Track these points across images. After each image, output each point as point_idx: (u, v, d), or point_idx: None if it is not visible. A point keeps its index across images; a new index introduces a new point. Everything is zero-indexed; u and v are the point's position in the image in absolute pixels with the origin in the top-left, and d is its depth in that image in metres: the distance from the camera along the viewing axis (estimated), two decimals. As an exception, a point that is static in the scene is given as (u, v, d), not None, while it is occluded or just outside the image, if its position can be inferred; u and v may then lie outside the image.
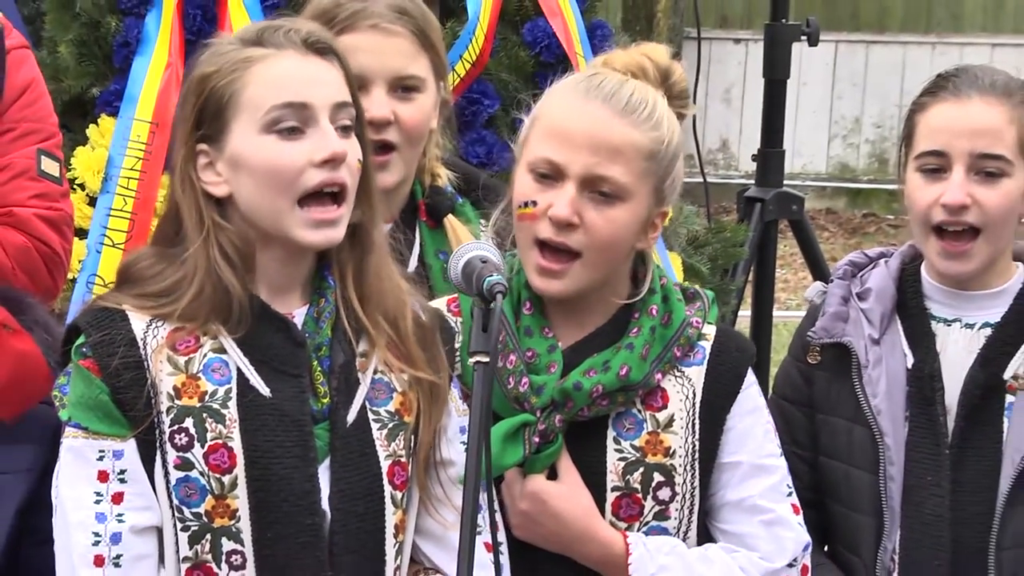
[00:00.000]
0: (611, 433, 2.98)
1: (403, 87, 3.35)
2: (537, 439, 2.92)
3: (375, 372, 2.85)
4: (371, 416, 2.82)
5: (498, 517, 2.84)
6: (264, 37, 2.81)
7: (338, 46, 2.91)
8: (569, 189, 2.88)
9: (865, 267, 3.49)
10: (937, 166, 3.28)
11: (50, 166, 3.81)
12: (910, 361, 3.35)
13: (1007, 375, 3.29)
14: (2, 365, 2.98)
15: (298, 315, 2.83)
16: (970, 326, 3.38)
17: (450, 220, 3.55)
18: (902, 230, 3.66)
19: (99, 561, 2.67)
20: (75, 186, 5.06)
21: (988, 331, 3.35)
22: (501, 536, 2.84)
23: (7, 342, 2.99)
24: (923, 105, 3.37)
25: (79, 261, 4.89)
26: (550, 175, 2.91)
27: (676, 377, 3.02)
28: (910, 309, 3.40)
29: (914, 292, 3.42)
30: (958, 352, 3.35)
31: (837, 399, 3.37)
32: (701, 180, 6.54)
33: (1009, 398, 3.29)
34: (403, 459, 2.83)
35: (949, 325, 3.38)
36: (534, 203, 2.92)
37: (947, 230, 3.28)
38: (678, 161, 3.04)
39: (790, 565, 2.99)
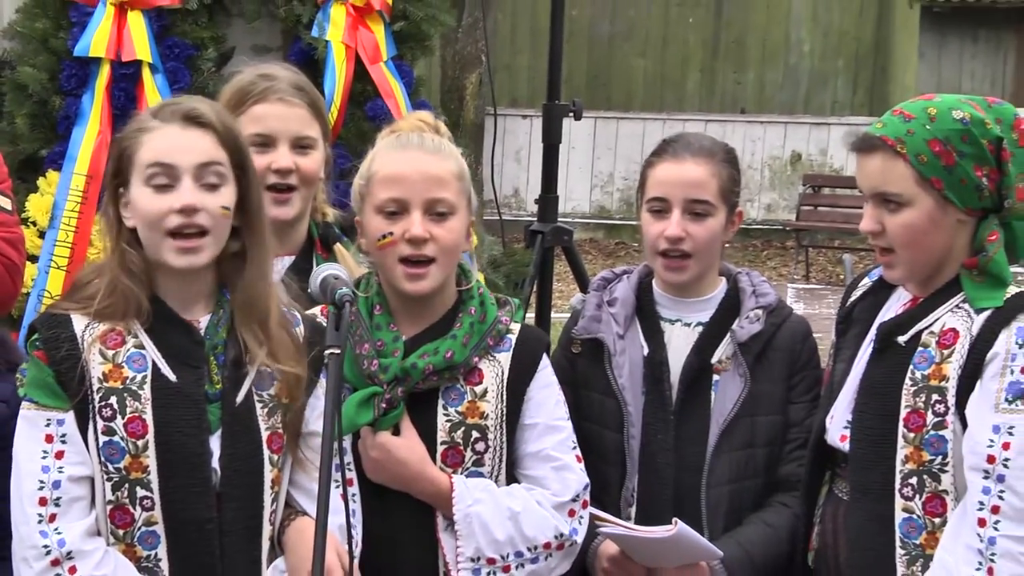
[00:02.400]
0: (440, 401, 3.22)
1: (301, 145, 3.62)
2: (384, 405, 3.16)
3: (261, 365, 3.06)
4: (256, 398, 3.06)
5: (352, 472, 3.15)
6: (158, 112, 3.10)
7: (218, 117, 3.10)
8: (416, 216, 3.16)
9: (613, 281, 3.72)
10: (661, 208, 3.54)
11: (4, 202, 3.96)
12: (646, 351, 3.58)
13: (713, 360, 3.53)
14: None
15: (203, 321, 3.06)
16: (688, 324, 3.61)
17: (338, 248, 3.80)
18: (643, 254, 3.85)
19: (43, 502, 2.89)
20: (29, 223, 5.41)
21: (700, 328, 3.59)
22: (355, 488, 3.13)
23: None
24: (652, 163, 3.62)
25: (31, 279, 5.26)
26: (397, 211, 3.19)
27: (489, 360, 3.28)
28: (645, 312, 3.64)
29: (648, 299, 3.66)
30: (679, 344, 3.59)
31: (593, 378, 3.59)
32: (498, 218, 6.91)
33: (715, 377, 3.52)
34: (279, 430, 3.07)
35: (673, 324, 3.63)
36: (391, 233, 3.18)
37: (670, 255, 3.53)
38: (471, 186, 3.36)
39: (573, 499, 3.23)
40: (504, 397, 3.26)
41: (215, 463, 2.99)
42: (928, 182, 3.09)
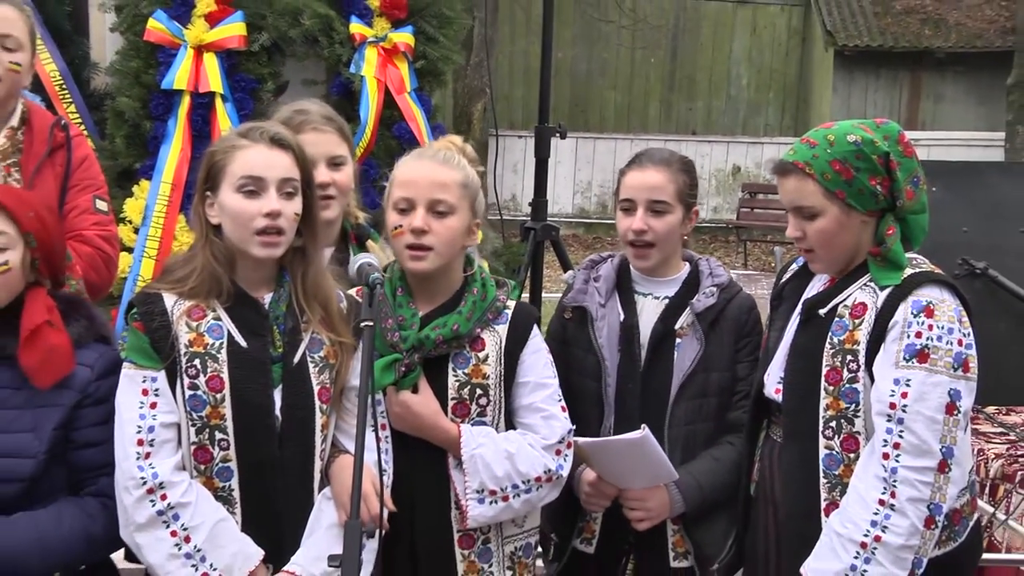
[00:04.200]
0: (450, 365, 3.20)
1: (335, 163, 3.58)
2: (403, 369, 3.13)
3: (314, 333, 3.06)
4: (309, 359, 3.03)
5: (384, 419, 3.13)
6: (248, 133, 3.05)
7: (294, 141, 3.09)
8: (421, 212, 3.14)
9: (600, 263, 3.69)
10: (629, 207, 3.54)
11: (101, 205, 4.04)
12: (622, 318, 3.54)
13: (676, 327, 3.51)
14: (37, 353, 2.92)
15: (267, 298, 3.04)
16: (657, 298, 3.57)
17: (370, 243, 3.73)
18: (615, 247, 3.84)
19: (140, 443, 2.88)
20: (126, 222, 5.52)
21: (667, 301, 3.56)
22: (387, 432, 3.13)
23: (47, 337, 2.94)
24: (624, 172, 3.60)
25: (128, 266, 5.32)
26: (406, 208, 3.17)
27: (490, 331, 3.25)
28: (623, 287, 3.62)
29: (627, 277, 3.63)
30: (649, 313, 3.57)
31: (579, 338, 3.56)
32: (499, 217, 6.96)
33: (677, 340, 3.50)
34: (327, 385, 3.05)
35: (645, 297, 3.58)
36: (400, 226, 3.17)
37: (636, 244, 3.53)
38: (480, 193, 3.30)
39: (559, 442, 3.22)
40: (502, 360, 3.24)
41: (277, 411, 2.98)
42: (833, 194, 3.09)
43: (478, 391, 3.22)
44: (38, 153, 3.93)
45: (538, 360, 3.30)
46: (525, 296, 4.47)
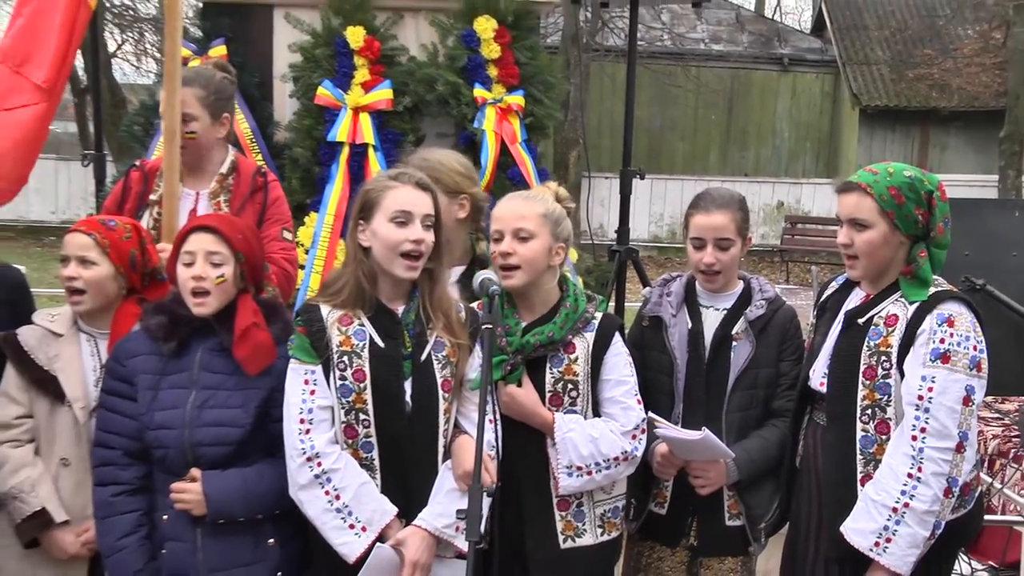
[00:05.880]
0: (548, 364, 3.15)
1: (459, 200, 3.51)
2: (509, 367, 3.12)
3: (437, 337, 3.01)
4: (433, 358, 2.98)
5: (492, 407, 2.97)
6: (398, 176, 3.04)
7: (432, 185, 3.07)
8: (508, 239, 3.12)
9: (671, 281, 3.59)
10: (699, 244, 3.42)
11: (287, 235, 4.10)
12: (689, 325, 3.45)
13: (733, 332, 3.41)
14: (248, 347, 3.00)
15: (400, 308, 3.00)
16: (717, 309, 3.48)
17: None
18: (683, 266, 3.80)
19: (302, 422, 2.90)
20: (299, 244, 5.42)
21: (725, 312, 3.46)
22: (498, 417, 2.99)
23: (255, 335, 3.01)
24: (692, 213, 3.47)
25: (300, 281, 5.28)
26: (499, 238, 3.14)
27: (580, 337, 3.18)
28: (691, 300, 3.51)
29: (693, 293, 3.52)
30: (711, 321, 3.46)
31: (655, 342, 3.48)
32: (591, 242, 6.94)
33: (734, 343, 3.41)
34: (449, 378, 2.99)
35: (708, 309, 3.49)
36: (495, 252, 3.15)
37: (706, 273, 3.44)
38: (563, 221, 3.21)
39: (634, 428, 3.17)
40: (589, 361, 3.17)
41: (407, 398, 2.94)
42: (885, 213, 3.01)
43: (569, 386, 3.16)
44: (243, 193, 3.99)
45: (619, 361, 3.22)
46: (611, 306, 4.39)
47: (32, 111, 3.74)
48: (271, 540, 3.04)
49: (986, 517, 3.56)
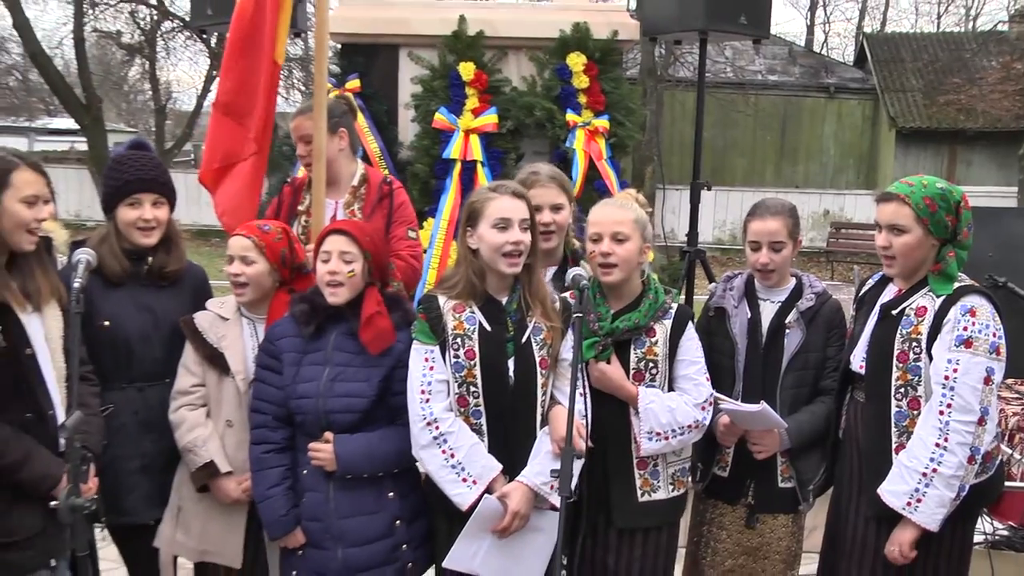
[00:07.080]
0: (632, 346, 3.10)
1: (556, 207, 3.39)
2: (600, 347, 3.06)
3: (535, 322, 2.97)
4: (532, 340, 2.95)
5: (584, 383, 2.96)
6: (497, 188, 3.02)
7: (526, 193, 3.06)
8: (607, 241, 3.07)
9: (733, 277, 3.52)
10: (756, 247, 3.35)
11: (412, 234, 4.06)
12: (749, 315, 3.40)
13: (786, 321, 3.34)
14: (371, 332, 3.00)
15: (504, 298, 2.99)
16: (773, 302, 3.40)
17: (583, 262, 3.51)
18: (743, 264, 3.73)
19: (423, 392, 2.91)
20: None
21: (780, 304, 3.39)
22: (587, 390, 2.93)
23: (377, 322, 3.01)
24: (749, 220, 3.40)
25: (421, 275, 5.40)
26: (597, 239, 3.08)
27: (659, 324, 3.13)
28: (750, 294, 3.45)
29: (752, 287, 3.44)
30: (768, 312, 3.39)
31: (720, 330, 3.42)
32: (664, 244, 6.93)
33: (787, 331, 3.33)
34: (546, 357, 2.95)
35: (765, 301, 3.42)
36: (594, 252, 3.10)
37: (762, 271, 3.37)
38: (648, 225, 3.16)
39: (704, 401, 3.12)
40: (667, 344, 3.13)
41: (510, 374, 2.92)
42: (920, 220, 2.94)
43: (651, 364, 3.11)
44: (372, 200, 4.00)
45: (691, 345, 3.17)
46: (681, 299, 4.35)
47: (251, 162, 3.77)
48: (391, 493, 3.04)
49: (1007, 484, 3.51)
